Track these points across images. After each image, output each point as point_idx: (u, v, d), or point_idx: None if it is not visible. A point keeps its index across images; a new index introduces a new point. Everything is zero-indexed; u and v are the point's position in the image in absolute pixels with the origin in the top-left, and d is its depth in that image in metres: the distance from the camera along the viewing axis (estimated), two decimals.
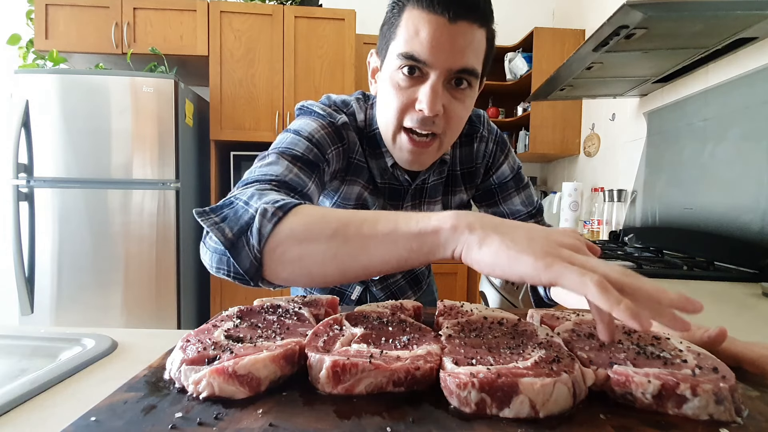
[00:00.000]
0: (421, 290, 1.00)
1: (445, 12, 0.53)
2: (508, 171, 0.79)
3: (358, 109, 0.71)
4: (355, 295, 0.92)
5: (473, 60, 0.56)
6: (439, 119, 0.58)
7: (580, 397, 0.33)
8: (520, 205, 0.79)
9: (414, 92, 0.57)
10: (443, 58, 0.54)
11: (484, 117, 0.78)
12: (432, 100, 0.55)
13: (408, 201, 0.76)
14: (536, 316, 0.52)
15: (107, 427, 0.29)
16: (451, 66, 0.55)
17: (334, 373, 0.34)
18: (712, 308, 0.77)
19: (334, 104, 0.71)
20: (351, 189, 0.74)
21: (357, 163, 0.72)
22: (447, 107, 0.58)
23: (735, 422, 0.31)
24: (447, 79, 0.57)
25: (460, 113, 0.60)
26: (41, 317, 2.07)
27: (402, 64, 0.57)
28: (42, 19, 2.26)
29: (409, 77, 0.57)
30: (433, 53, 0.54)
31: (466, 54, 0.55)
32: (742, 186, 1.18)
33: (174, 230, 2.14)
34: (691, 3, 0.99)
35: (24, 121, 2.00)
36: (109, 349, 0.51)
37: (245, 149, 2.48)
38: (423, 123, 0.58)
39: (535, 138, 2.46)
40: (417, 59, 0.55)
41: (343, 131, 0.67)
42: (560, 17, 2.79)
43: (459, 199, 0.81)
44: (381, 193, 0.74)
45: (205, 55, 2.36)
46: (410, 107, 0.58)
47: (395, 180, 0.73)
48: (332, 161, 0.65)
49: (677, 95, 1.54)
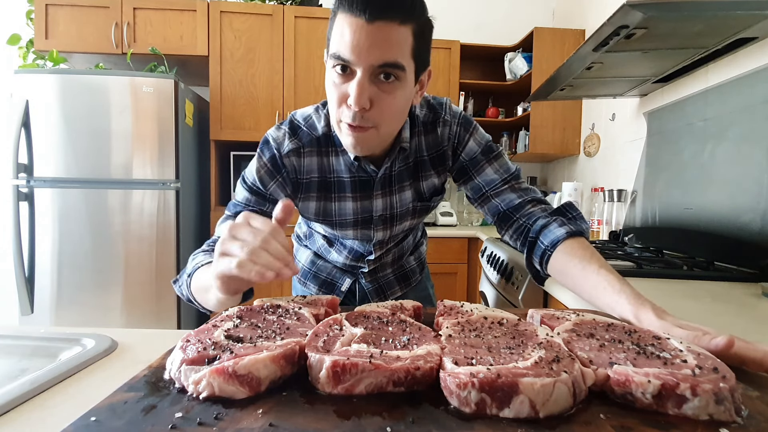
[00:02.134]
0: (410, 286, 1.04)
1: (362, 14, 0.58)
2: (476, 146, 0.82)
3: (318, 119, 0.79)
4: (345, 287, 0.97)
5: (395, 55, 0.61)
6: (370, 113, 0.64)
7: (580, 397, 0.33)
8: (494, 174, 0.81)
9: (346, 88, 0.63)
10: (364, 56, 0.60)
11: (446, 103, 0.83)
12: (358, 94, 0.61)
13: (378, 189, 0.81)
14: (536, 316, 0.52)
15: (107, 427, 0.29)
16: (373, 62, 0.60)
17: (334, 373, 0.34)
18: (712, 308, 0.77)
19: (295, 121, 0.80)
20: (307, 205, 0.82)
21: (307, 181, 0.80)
22: (375, 100, 0.63)
23: (735, 422, 0.31)
24: (373, 74, 0.62)
25: (391, 105, 0.65)
26: (41, 317, 2.07)
27: (334, 63, 0.63)
28: (42, 19, 2.26)
29: (342, 75, 0.63)
30: (354, 52, 0.60)
31: (387, 50, 0.60)
32: (742, 186, 1.18)
33: (174, 230, 2.14)
34: (691, 3, 0.99)
35: (24, 121, 2.00)
36: (109, 349, 0.51)
37: (245, 149, 2.48)
38: (354, 117, 0.64)
39: (535, 138, 2.46)
40: (343, 59, 0.61)
41: (286, 159, 0.77)
42: (560, 17, 2.79)
43: (431, 183, 0.85)
44: (344, 188, 0.81)
45: (205, 55, 2.36)
46: (343, 102, 0.64)
47: (363, 172, 0.79)
48: (277, 191, 0.77)
49: (677, 95, 1.54)
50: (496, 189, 0.81)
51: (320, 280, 0.99)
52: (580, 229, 0.71)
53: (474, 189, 0.83)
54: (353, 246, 0.91)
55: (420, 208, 0.87)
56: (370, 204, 0.82)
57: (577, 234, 0.70)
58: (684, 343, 0.40)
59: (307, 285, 1.01)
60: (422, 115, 0.81)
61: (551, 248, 0.71)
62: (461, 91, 2.66)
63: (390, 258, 0.96)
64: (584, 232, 0.72)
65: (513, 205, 0.80)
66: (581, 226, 0.73)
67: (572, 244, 0.69)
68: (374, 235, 0.86)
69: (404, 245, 0.97)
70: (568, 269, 0.68)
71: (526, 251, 0.77)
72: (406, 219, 0.87)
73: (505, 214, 0.80)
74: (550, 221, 0.74)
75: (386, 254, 0.94)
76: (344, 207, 0.82)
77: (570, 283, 0.68)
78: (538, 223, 0.75)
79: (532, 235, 0.75)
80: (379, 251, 0.90)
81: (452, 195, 2.96)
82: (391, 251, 0.95)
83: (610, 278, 0.59)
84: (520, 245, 0.80)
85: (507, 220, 0.80)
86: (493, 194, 0.81)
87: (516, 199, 0.80)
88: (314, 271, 0.99)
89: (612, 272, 0.61)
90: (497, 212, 0.81)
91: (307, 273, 1.01)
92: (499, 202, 0.81)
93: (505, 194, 0.80)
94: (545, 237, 0.73)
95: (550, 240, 0.71)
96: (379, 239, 0.87)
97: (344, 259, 0.93)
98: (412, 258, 1.04)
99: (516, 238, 0.80)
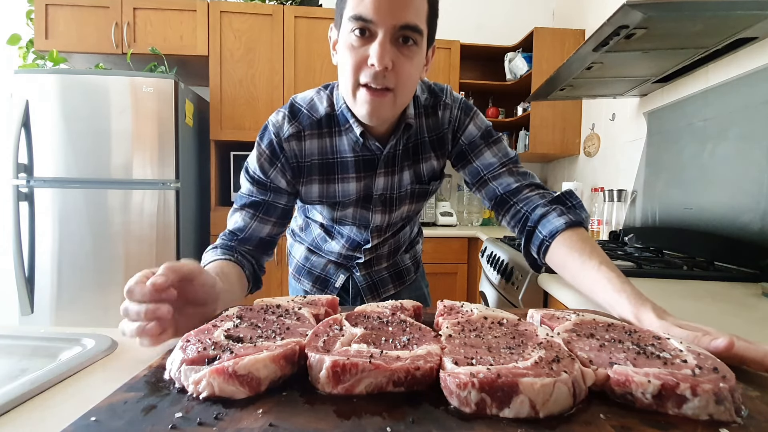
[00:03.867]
0: (404, 285, 1.04)
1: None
2: (475, 130, 0.83)
3: (319, 100, 0.79)
4: (339, 283, 0.97)
5: (415, 17, 0.63)
6: (390, 74, 0.65)
7: (580, 397, 0.33)
8: (492, 158, 0.81)
9: (366, 50, 0.64)
10: (387, 16, 0.61)
11: (447, 88, 0.85)
12: (381, 54, 0.62)
13: (381, 168, 0.81)
14: (536, 316, 0.52)
15: (107, 427, 0.29)
16: (395, 22, 0.62)
17: (334, 373, 0.34)
18: (712, 308, 0.77)
19: (296, 104, 0.79)
20: (310, 188, 0.81)
21: (309, 164, 0.79)
22: (396, 63, 0.64)
23: (735, 422, 0.31)
24: (394, 36, 0.63)
25: (409, 69, 0.66)
26: (41, 317, 2.07)
27: (353, 26, 0.63)
28: (42, 19, 2.26)
29: (361, 38, 0.64)
30: (377, 12, 0.61)
31: (408, 11, 0.62)
32: (742, 186, 1.18)
33: (174, 230, 2.14)
34: (691, 3, 0.99)
35: (24, 121, 2.00)
36: (109, 349, 0.51)
37: (245, 149, 2.48)
38: (375, 77, 0.64)
39: (535, 138, 2.46)
40: (365, 19, 0.62)
41: (286, 143, 0.77)
42: (560, 17, 2.79)
43: (430, 165, 0.86)
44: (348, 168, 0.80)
45: (205, 55, 2.36)
46: (363, 64, 0.65)
47: (368, 150, 0.79)
48: (277, 177, 0.78)
49: (677, 95, 1.54)
50: (493, 172, 0.81)
51: (314, 276, 0.99)
52: (579, 219, 0.71)
53: (472, 173, 0.83)
54: (350, 234, 0.90)
55: (418, 191, 0.87)
56: (372, 182, 0.82)
57: (576, 224, 0.70)
58: (684, 343, 0.40)
59: (301, 281, 1.01)
60: (423, 98, 0.82)
61: (549, 239, 0.70)
62: (461, 91, 2.66)
63: (386, 250, 0.96)
64: (584, 221, 0.71)
65: (510, 189, 0.79)
66: (581, 215, 0.72)
67: (571, 235, 0.68)
68: (372, 218, 0.85)
69: (401, 236, 0.97)
70: (567, 264, 0.67)
71: (524, 239, 0.77)
72: (405, 203, 0.87)
73: (502, 198, 0.80)
74: (549, 210, 0.73)
75: (383, 244, 0.94)
76: (347, 188, 0.82)
77: (569, 277, 0.68)
78: (537, 211, 0.74)
79: (530, 225, 0.75)
80: (376, 239, 0.90)
81: (452, 195, 2.96)
82: (388, 242, 0.94)
83: (610, 276, 0.59)
84: (518, 232, 0.79)
85: (504, 204, 0.80)
86: (491, 177, 0.81)
87: (513, 183, 0.79)
88: (308, 267, 1.00)
89: (612, 269, 0.61)
90: (494, 196, 0.81)
91: (302, 269, 1.01)
92: (496, 186, 0.80)
93: (502, 177, 0.80)
94: (544, 227, 0.72)
95: (549, 230, 0.71)
96: (377, 224, 0.87)
97: (341, 248, 0.93)
98: (407, 256, 1.03)
99: (514, 225, 0.80)
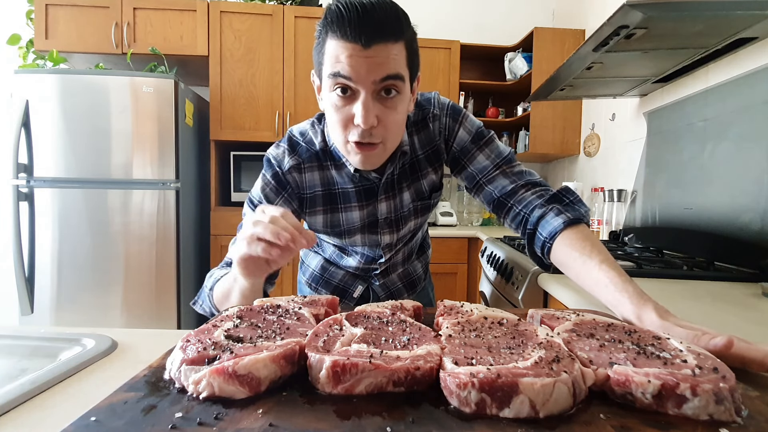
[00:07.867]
0: (416, 293, 1.04)
1: (358, 40, 0.59)
2: (466, 135, 0.82)
3: (314, 134, 0.80)
4: (357, 293, 0.97)
5: (395, 67, 0.62)
6: (377, 129, 0.65)
7: (580, 397, 0.33)
8: (485, 160, 0.81)
9: (350, 110, 0.64)
10: (366, 75, 0.61)
11: (434, 97, 0.83)
12: (365, 115, 0.62)
13: (382, 194, 0.82)
14: (536, 316, 0.52)
15: (107, 427, 0.29)
16: (375, 77, 0.61)
17: (334, 373, 0.34)
18: (712, 308, 0.77)
19: (293, 138, 0.81)
20: (315, 219, 0.84)
21: (311, 196, 0.81)
22: (381, 117, 0.64)
23: (735, 422, 0.31)
24: (376, 91, 0.63)
25: (395, 119, 0.67)
26: (41, 317, 2.07)
27: (334, 83, 0.63)
28: (42, 19, 2.26)
29: (343, 97, 0.64)
30: (355, 72, 0.61)
31: (388, 64, 0.62)
32: (742, 186, 1.18)
33: (174, 230, 2.14)
34: (691, 3, 0.99)
35: (24, 121, 2.00)
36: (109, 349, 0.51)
37: (245, 149, 2.48)
38: (362, 136, 0.65)
39: (535, 138, 2.46)
40: (344, 76, 0.61)
41: (288, 175, 0.79)
42: (560, 17, 2.79)
43: (430, 180, 0.86)
44: (350, 198, 0.82)
45: (205, 55, 2.36)
46: (350, 123, 0.65)
47: (366, 180, 0.80)
48: (284, 206, 0.76)
49: (677, 95, 1.54)
50: (488, 176, 0.80)
51: (332, 286, 0.98)
52: (577, 215, 0.70)
53: (468, 178, 0.83)
54: (364, 251, 0.91)
55: (421, 206, 0.87)
56: (375, 208, 0.83)
57: (575, 221, 0.69)
58: (684, 343, 0.40)
59: (319, 290, 1.00)
60: (412, 115, 0.81)
61: (550, 240, 0.70)
62: (461, 91, 2.66)
63: (401, 257, 0.96)
64: (583, 217, 0.71)
65: (506, 191, 0.79)
66: (579, 210, 0.72)
67: (571, 234, 0.68)
68: (381, 239, 0.86)
69: (413, 243, 0.98)
70: (569, 263, 0.67)
71: (527, 242, 0.77)
72: (410, 219, 0.88)
73: (499, 201, 0.80)
74: (546, 211, 0.73)
75: (396, 254, 0.94)
76: (351, 216, 0.83)
77: (573, 277, 0.68)
78: (535, 213, 0.74)
79: (530, 227, 0.75)
80: (388, 253, 0.90)
81: (452, 195, 2.96)
82: (401, 251, 0.95)
83: (612, 275, 0.59)
84: (521, 234, 0.79)
85: (502, 207, 0.80)
86: (486, 181, 0.80)
87: (509, 185, 0.79)
88: (326, 277, 0.98)
89: (613, 267, 0.60)
90: (492, 200, 0.81)
91: (319, 279, 0.99)
92: (492, 190, 0.80)
93: (497, 180, 0.80)
94: (543, 228, 0.72)
95: (548, 231, 0.71)
96: (387, 242, 0.88)
97: (357, 263, 0.93)
98: (418, 264, 1.04)
99: (515, 227, 0.80)
